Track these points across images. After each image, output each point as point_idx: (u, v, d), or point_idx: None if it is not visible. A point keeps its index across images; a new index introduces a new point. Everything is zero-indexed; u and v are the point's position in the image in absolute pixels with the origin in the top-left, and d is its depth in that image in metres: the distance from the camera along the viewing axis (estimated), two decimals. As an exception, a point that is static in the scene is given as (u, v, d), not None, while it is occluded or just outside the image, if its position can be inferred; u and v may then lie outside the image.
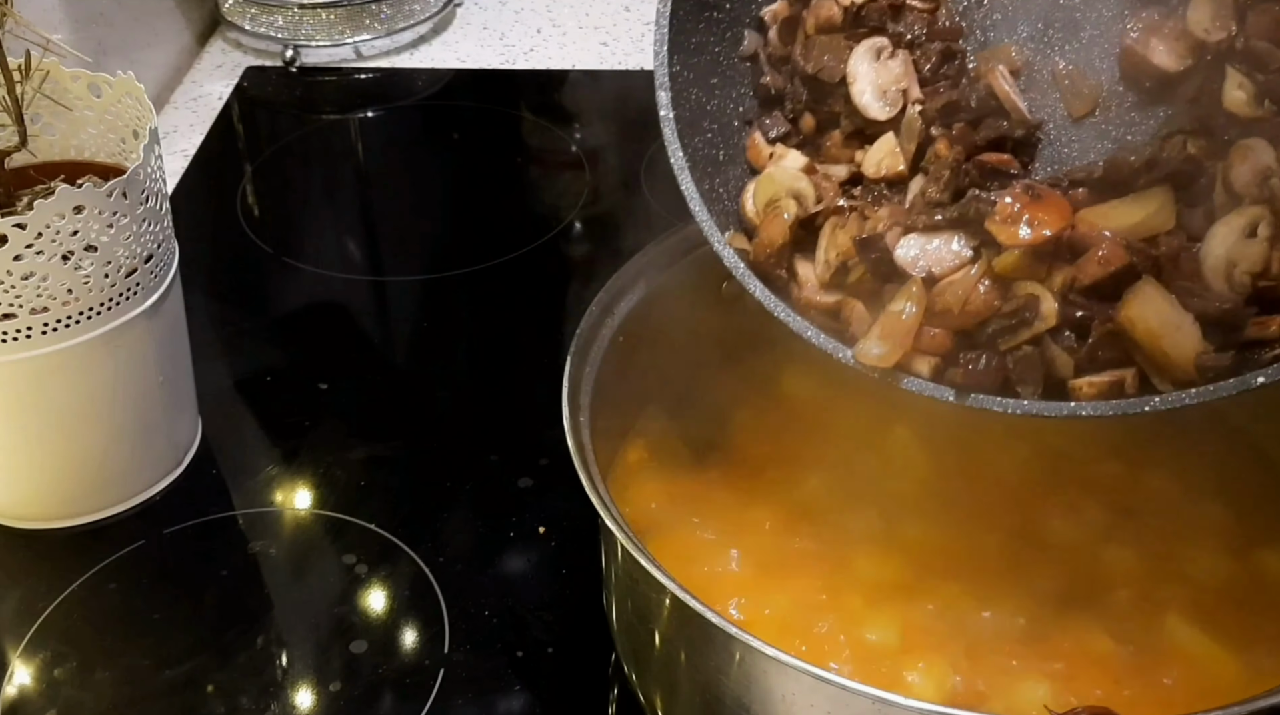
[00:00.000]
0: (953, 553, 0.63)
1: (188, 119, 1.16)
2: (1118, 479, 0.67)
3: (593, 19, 1.32)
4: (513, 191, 1.07)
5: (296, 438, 0.82)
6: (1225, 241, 0.52)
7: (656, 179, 1.04)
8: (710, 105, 0.64)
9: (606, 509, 0.55)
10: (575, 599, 0.70)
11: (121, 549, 0.74)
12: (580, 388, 0.62)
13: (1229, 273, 0.51)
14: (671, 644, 0.57)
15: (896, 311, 0.55)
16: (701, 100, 0.63)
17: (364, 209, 1.10)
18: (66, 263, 0.65)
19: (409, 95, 1.22)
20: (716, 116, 0.64)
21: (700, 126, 0.63)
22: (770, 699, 0.52)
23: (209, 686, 0.66)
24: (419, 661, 0.68)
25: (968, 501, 0.65)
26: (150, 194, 0.69)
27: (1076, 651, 0.58)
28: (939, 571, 0.62)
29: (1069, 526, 0.64)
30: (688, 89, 0.63)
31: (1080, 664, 0.58)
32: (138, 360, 0.72)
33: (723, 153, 0.64)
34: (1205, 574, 0.62)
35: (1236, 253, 0.51)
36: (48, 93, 0.72)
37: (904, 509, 0.65)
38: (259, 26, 1.26)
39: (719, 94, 0.64)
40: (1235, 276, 0.51)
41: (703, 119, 0.63)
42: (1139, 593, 0.61)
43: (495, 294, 0.95)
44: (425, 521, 0.75)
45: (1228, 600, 0.61)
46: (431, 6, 1.30)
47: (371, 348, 0.92)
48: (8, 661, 0.68)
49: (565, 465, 0.56)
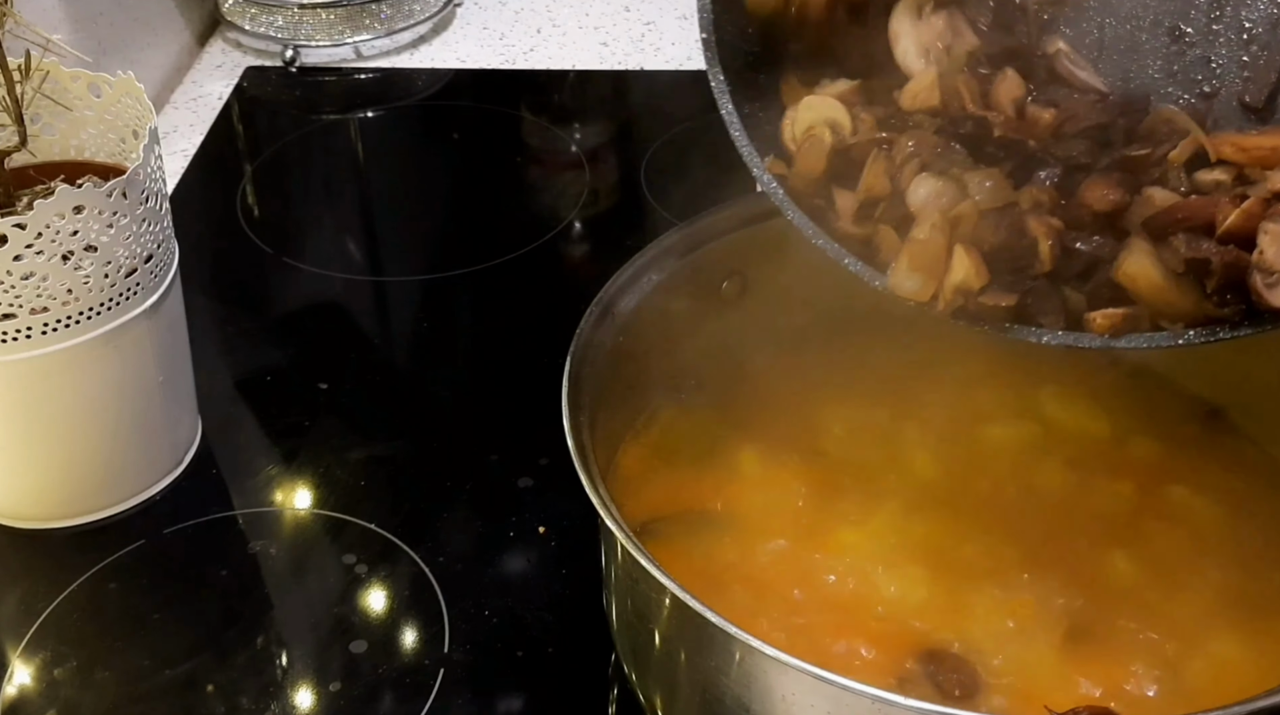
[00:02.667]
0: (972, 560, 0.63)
1: (188, 119, 1.16)
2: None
3: (593, 19, 1.32)
4: (513, 191, 1.07)
5: (296, 438, 0.82)
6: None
7: (656, 179, 1.04)
8: (750, 27, 0.63)
9: (606, 509, 0.55)
10: (575, 599, 0.70)
11: (121, 549, 0.74)
12: (580, 388, 0.62)
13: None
14: (671, 644, 0.57)
15: (921, 238, 0.55)
16: (742, 21, 0.62)
17: (364, 209, 1.10)
18: (66, 263, 0.65)
19: (409, 95, 1.22)
20: (756, 38, 0.63)
21: (739, 49, 0.62)
22: (770, 699, 0.52)
23: (209, 686, 0.66)
24: (419, 661, 0.68)
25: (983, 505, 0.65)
26: (150, 194, 0.69)
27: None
28: (958, 579, 0.61)
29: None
30: (728, 8, 0.61)
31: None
32: (138, 360, 0.72)
33: (764, 76, 0.63)
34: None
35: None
36: (48, 93, 0.72)
37: (915, 510, 0.64)
38: (259, 26, 1.26)
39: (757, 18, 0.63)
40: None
41: (742, 41, 0.62)
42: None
43: (495, 294, 0.95)
44: (425, 521, 0.75)
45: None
46: (431, 6, 1.30)
47: (371, 348, 0.92)
48: (8, 661, 0.68)
49: (565, 465, 0.56)
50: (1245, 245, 0.50)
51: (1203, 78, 0.58)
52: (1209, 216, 0.51)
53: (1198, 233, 0.52)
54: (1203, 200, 0.52)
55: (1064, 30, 0.60)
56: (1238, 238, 0.51)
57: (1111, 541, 0.63)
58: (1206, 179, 0.54)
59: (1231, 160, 0.53)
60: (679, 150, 1.07)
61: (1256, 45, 0.57)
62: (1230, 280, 0.51)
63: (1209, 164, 0.54)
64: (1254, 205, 0.50)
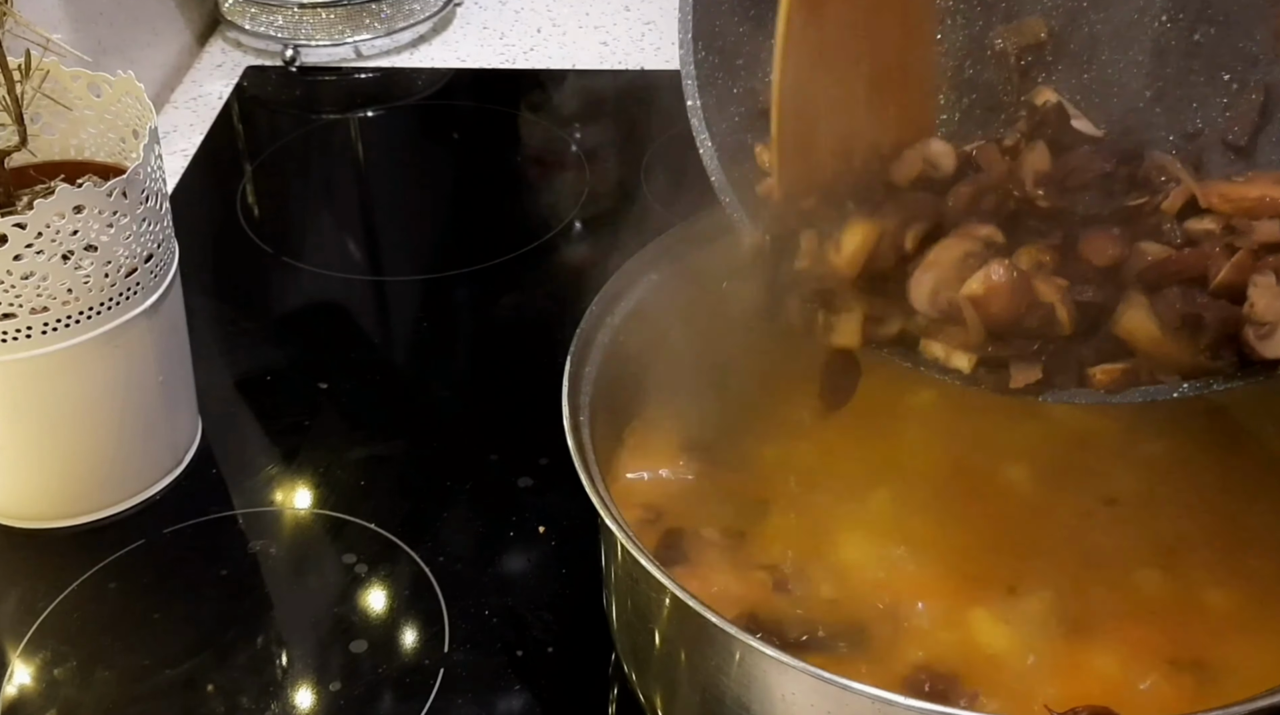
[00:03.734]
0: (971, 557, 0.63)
1: (188, 118, 1.16)
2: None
3: (593, 19, 1.32)
4: (513, 191, 1.07)
5: (296, 437, 0.82)
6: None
7: (656, 179, 1.04)
8: (735, 89, 0.62)
9: (606, 509, 0.55)
10: (575, 599, 0.70)
11: (121, 549, 0.74)
12: (580, 388, 0.62)
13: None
14: (671, 644, 0.57)
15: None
16: (727, 85, 0.62)
17: (364, 209, 1.10)
18: (66, 262, 0.65)
19: (409, 95, 1.22)
20: (743, 100, 0.63)
21: (727, 112, 0.62)
22: (770, 699, 0.52)
23: (209, 686, 0.66)
24: (419, 661, 0.68)
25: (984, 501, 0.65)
26: (150, 193, 0.69)
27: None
28: (954, 578, 0.62)
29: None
30: (714, 75, 0.61)
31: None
32: (138, 360, 0.72)
33: (751, 136, 0.63)
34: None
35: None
36: (48, 92, 0.71)
37: (917, 508, 0.65)
38: (259, 26, 1.26)
39: (744, 76, 0.63)
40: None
41: (729, 104, 0.62)
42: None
43: (495, 294, 0.95)
44: (425, 521, 0.76)
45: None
46: (431, 6, 1.30)
47: (371, 347, 0.92)
48: (8, 661, 0.68)
49: (565, 465, 0.56)
50: (1237, 299, 0.51)
51: (1185, 118, 0.58)
52: (1201, 268, 0.52)
53: (1191, 285, 0.52)
54: (1195, 253, 0.53)
55: (1047, 78, 0.60)
56: (1229, 292, 0.51)
57: (1112, 538, 0.64)
58: (1197, 228, 0.54)
59: (1219, 210, 0.54)
60: (679, 150, 1.07)
61: (1237, 84, 0.57)
62: (1223, 335, 0.51)
63: (1199, 211, 0.54)
64: (1244, 258, 0.51)
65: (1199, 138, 0.58)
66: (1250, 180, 0.55)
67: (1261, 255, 0.51)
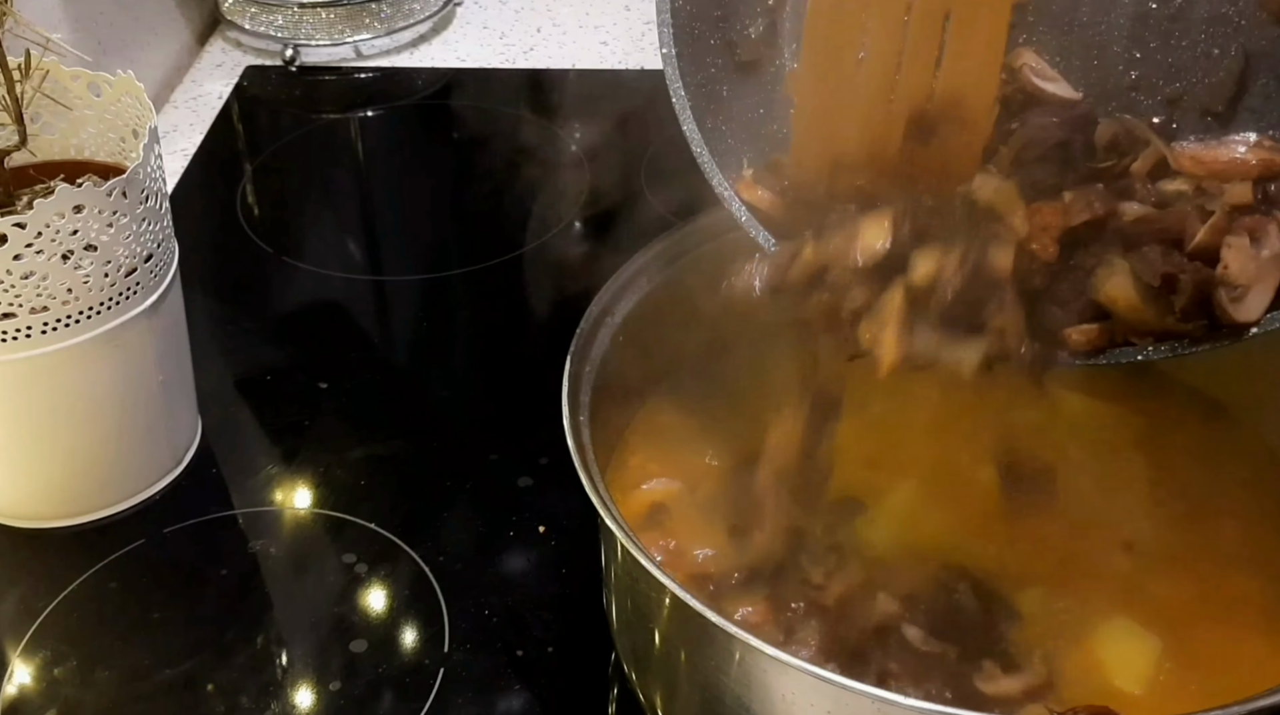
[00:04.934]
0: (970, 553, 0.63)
1: (187, 118, 1.16)
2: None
3: (593, 18, 1.32)
4: (513, 191, 1.07)
5: (296, 437, 0.82)
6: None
7: (656, 179, 1.04)
8: (713, 39, 0.62)
9: (606, 509, 0.55)
10: (575, 599, 0.70)
11: (121, 549, 0.74)
12: (580, 388, 0.62)
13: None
14: (671, 644, 0.57)
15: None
16: (704, 34, 0.62)
17: (364, 209, 1.10)
18: (66, 262, 0.65)
19: (409, 95, 1.22)
20: (720, 50, 0.62)
21: (703, 62, 0.61)
22: (770, 699, 0.52)
23: (209, 686, 0.66)
24: (419, 661, 0.68)
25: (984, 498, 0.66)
26: (150, 193, 0.69)
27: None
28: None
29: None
30: (690, 24, 0.61)
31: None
32: (138, 360, 0.72)
33: (726, 88, 0.62)
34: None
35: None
36: (47, 92, 0.72)
37: (921, 504, 0.65)
38: (259, 26, 1.26)
39: (722, 26, 0.62)
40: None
41: (705, 54, 0.62)
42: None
43: (495, 294, 0.95)
44: (425, 521, 0.75)
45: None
46: (431, 6, 1.30)
47: (371, 347, 0.92)
48: (8, 661, 0.68)
49: (565, 465, 0.56)
50: (1210, 261, 0.51)
51: (1166, 83, 0.58)
52: (1180, 229, 0.52)
53: (1168, 245, 0.52)
54: (1175, 213, 0.53)
55: (1028, 39, 0.60)
56: (1204, 253, 0.51)
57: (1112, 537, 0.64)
58: (1169, 189, 0.54)
59: (1190, 173, 0.54)
60: (679, 150, 1.07)
61: (1218, 49, 0.57)
62: (1197, 297, 0.51)
63: (1170, 174, 0.55)
64: (1220, 220, 0.51)
65: (1179, 103, 0.58)
66: (1221, 143, 0.55)
67: (1235, 217, 0.51)
